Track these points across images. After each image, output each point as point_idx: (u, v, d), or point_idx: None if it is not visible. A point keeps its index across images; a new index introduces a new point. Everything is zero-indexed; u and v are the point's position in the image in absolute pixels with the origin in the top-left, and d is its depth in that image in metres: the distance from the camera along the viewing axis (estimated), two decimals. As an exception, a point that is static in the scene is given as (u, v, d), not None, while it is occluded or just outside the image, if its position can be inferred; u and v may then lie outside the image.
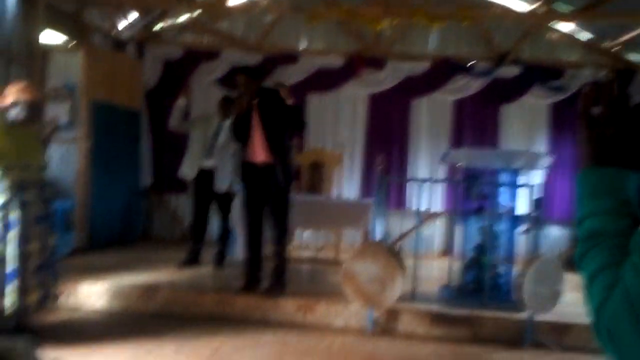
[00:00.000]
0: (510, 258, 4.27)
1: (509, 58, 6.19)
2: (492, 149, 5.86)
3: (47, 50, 6.03)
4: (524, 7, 5.59)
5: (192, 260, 4.90)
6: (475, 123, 6.39)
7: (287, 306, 3.92)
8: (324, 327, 3.86)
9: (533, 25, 6.03)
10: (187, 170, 4.89)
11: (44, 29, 4.88)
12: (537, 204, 4.09)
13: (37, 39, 4.78)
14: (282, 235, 4.06)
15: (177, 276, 4.52)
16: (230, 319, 3.89)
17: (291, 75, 6.15)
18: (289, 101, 3.98)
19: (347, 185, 6.34)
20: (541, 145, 6.31)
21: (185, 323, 3.77)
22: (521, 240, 4.43)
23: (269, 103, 3.99)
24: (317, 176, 5.61)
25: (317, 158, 5.75)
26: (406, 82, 6.27)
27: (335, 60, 6.29)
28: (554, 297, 3.63)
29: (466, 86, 6.25)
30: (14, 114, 3.19)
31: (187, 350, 3.30)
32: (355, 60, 6.23)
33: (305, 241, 6.29)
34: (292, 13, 5.96)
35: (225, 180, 4.85)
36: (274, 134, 3.96)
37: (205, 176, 4.82)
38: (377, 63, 6.26)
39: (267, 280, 4.10)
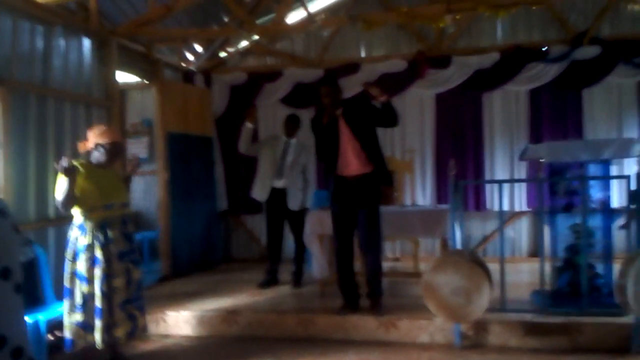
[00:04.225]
0: (608, 257, 3.90)
1: (587, 37, 5.72)
2: (577, 140, 5.43)
3: (123, 90, 6.43)
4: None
5: (271, 280, 4.96)
6: (555, 112, 5.94)
7: (369, 323, 3.83)
8: (409, 343, 3.73)
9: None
10: (259, 191, 4.96)
11: (118, 69, 5.17)
12: (635, 195, 3.71)
13: (114, 81, 5.08)
14: (379, 249, 3.97)
15: (257, 298, 4.57)
16: (312, 339, 3.86)
17: (354, 85, 6.08)
18: (382, 97, 3.79)
19: (419, 191, 6.14)
20: (632, 129, 5.74)
21: (268, 345, 3.80)
22: (620, 236, 4.03)
23: (355, 110, 3.89)
24: (389, 186, 5.47)
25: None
26: (475, 76, 5.98)
27: (397, 65, 6.14)
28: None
29: (541, 73, 5.84)
30: (97, 156, 3.37)
31: (271, 374, 3.30)
32: (419, 61, 6.04)
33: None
34: (349, 23, 5.90)
35: (297, 198, 4.87)
36: (367, 141, 3.86)
37: (277, 196, 4.87)
38: (441, 61, 6.02)
39: (366, 297, 4.02)
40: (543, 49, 5.81)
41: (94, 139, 3.37)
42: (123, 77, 5.65)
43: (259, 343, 3.86)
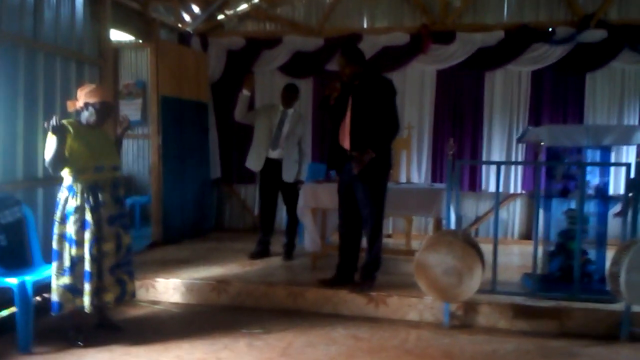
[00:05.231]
0: (602, 243, 3.90)
1: (595, 20, 5.61)
2: (579, 125, 5.37)
3: (117, 49, 6.22)
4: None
5: (262, 252, 4.92)
6: (556, 95, 5.86)
7: (358, 299, 3.82)
8: (397, 320, 3.73)
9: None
10: (253, 161, 4.86)
11: (112, 27, 4.98)
12: (633, 183, 3.68)
13: (107, 39, 4.90)
14: (375, 228, 3.85)
15: (248, 268, 4.54)
16: (301, 312, 3.86)
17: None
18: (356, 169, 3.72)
19: (415, 168, 6.07)
20: (634, 116, 5.70)
21: (257, 316, 3.78)
22: (615, 224, 4.03)
23: (367, 91, 3.77)
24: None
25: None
26: (478, 54, 5.86)
27: (400, 38, 5.99)
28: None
29: (546, 54, 5.73)
30: (86, 116, 3.25)
31: (260, 345, 3.29)
32: (422, 35, 5.90)
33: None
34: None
35: (292, 170, 4.79)
36: (360, 125, 3.74)
37: (272, 166, 4.78)
38: (445, 36, 5.89)
39: (358, 273, 3.98)
40: (549, 30, 5.69)
41: (83, 98, 3.25)
42: (117, 35, 5.46)
43: (248, 313, 3.85)
